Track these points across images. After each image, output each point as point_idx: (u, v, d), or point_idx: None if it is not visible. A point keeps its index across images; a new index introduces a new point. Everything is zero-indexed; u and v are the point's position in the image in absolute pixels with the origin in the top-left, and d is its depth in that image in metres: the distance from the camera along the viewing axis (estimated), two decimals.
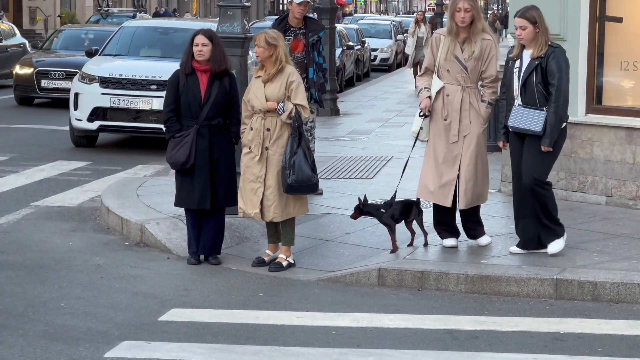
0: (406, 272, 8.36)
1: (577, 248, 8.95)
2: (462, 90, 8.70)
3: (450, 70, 8.70)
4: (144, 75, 15.15)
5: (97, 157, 14.72)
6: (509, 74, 8.59)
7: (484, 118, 8.76)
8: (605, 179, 10.74)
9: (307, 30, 11.06)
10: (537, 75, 8.34)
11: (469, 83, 8.71)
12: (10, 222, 10.59)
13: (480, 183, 8.80)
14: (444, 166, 8.74)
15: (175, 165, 8.85)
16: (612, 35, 10.88)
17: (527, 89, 8.40)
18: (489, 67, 8.74)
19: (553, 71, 8.32)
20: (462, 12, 8.62)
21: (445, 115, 8.71)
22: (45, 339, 6.98)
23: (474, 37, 8.68)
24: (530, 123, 8.35)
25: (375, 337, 7.17)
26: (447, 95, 8.70)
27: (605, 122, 10.74)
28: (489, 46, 8.73)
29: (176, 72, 8.92)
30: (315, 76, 10.98)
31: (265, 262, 8.89)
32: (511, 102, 8.55)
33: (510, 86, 8.57)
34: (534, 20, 8.37)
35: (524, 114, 8.39)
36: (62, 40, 23.54)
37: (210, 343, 6.98)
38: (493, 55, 8.73)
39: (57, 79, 21.06)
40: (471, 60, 8.66)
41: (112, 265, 8.95)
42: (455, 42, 8.69)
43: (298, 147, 8.55)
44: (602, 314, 7.71)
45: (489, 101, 8.79)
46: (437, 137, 8.76)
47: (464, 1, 8.63)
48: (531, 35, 8.38)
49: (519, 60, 8.49)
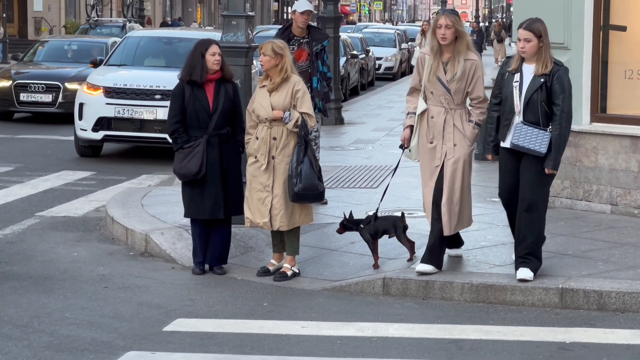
0: (411, 281, 8.35)
1: (582, 257, 8.93)
2: (446, 113, 8.35)
3: (434, 92, 8.36)
4: (148, 85, 15.17)
5: (102, 167, 14.73)
6: (507, 88, 8.20)
7: (470, 139, 8.40)
8: (610, 188, 10.73)
9: (311, 39, 11.07)
10: (541, 94, 8.04)
11: (453, 105, 8.35)
12: (15, 232, 10.60)
13: (465, 208, 8.48)
14: (428, 181, 8.48)
15: (186, 176, 8.84)
16: (616, 43, 10.88)
17: (531, 106, 8.07)
18: (476, 88, 8.37)
19: (558, 91, 8.04)
20: (442, 29, 8.25)
21: (430, 138, 8.40)
22: (50, 350, 6.98)
23: (457, 57, 8.29)
24: (535, 143, 8.03)
25: (380, 346, 7.16)
26: (432, 118, 8.38)
27: (609, 130, 10.74)
28: (473, 67, 8.33)
29: (180, 82, 8.92)
30: (319, 85, 10.98)
31: (270, 271, 8.89)
32: (508, 117, 8.17)
33: (508, 100, 8.18)
34: (540, 34, 8.07)
35: (527, 133, 8.05)
36: (45, 52, 22.44)
37: (215, 353, 6.97)
38: (479, 76, 8.35)
39: (37, 92, 20.01)
40: (454, 82, 8.29)
41: (117, 276, 8.95)
42: (438, 62, 8.31)
43: (304, 155, 8.57)
44: (608, 324, 7.69)
45: (476, 122, 8.43)
46: (424, 160, 8.48)
47: (445, 17, 8.28)
48: (535, 50, 8.07)
49: (519, 74, 8.15)
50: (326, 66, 11.09)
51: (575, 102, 10.86)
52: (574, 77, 10.84)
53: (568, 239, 9.62)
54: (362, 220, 8.84)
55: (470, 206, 8.59)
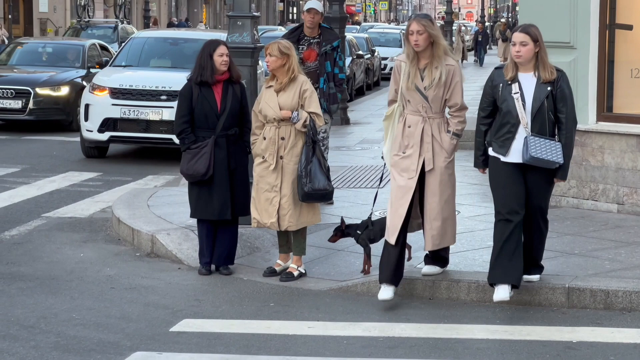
0: (417, 281, 8.34)
1: (588, 256, 8.93)
2: (424, 122, 7.97)
3: (411, 101, 7.99)
4: (154, 85, 15.17)
5: (108, 168, 14.74)
6: (504, 100, 7.74)
7: (448, 151, 7.99)
8: (616, 187, 10.72)
9: (321, 39, 11.08)
10: (548, 102, 7.71)
11: (431, 113, 7.97)
12: (21, 233, 10.61)
13: (448, 222, 8.07)
14: (398, 200, 7.99)
15: (194, 176, 8.85)
16: (622, 42, 10.87)
17: (539, 117, 7.70)
18: (454, 94, 7.96)
19: (564, 98, 7.73)
20: (414, 35, 7.90)
21: (404, 147, 8.01)
22: (57, 350, 6.98)
23: (435, 63, 7.92)
24: (551, 155, 7.67)
25: (387, 346, 7.16)
26: (409, 127, 8.00)
27: (616, 129, 10.73)
28: (451, 72, 7.94)
29: (188, 83, 8.93)
30: (326, 86, 10.98)
31: (276, 272, 8.89)
32: (511, 130, 7.72)
33: (509, 113, 7.73)
34: (536, 38, 7.69)
35: (542, 145, 7.67)
36: (19, 55, 20.86)
37: (222, 353, 6.97)
38: (457, 81, 7.96)
39: (6, 98, 18.59)
40: (431, 89, 7.91)
41: (123, 276, 8.96)
42: (415, 69, 7.97)
43: (313, 155, 8.58)
44: (615, 323, 7.68)
45: (454, 132, 8.02)
46: (395, 173, 8.05)
47: (416, 22, 7.92)
48: (530, 54, 7.69)
49: (517, 84, 7.73)
50: (338, 67, 11.07)
51: (581, 101, 10.90)
52: (580, 76, 10.88)
53: (574, 238, 9.62)
54: (358, 226, 8.74)
55: (454, 223, 8.18)
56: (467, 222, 10.16)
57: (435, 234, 8.03)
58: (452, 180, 8.09)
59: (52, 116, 19.04)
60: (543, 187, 7.88)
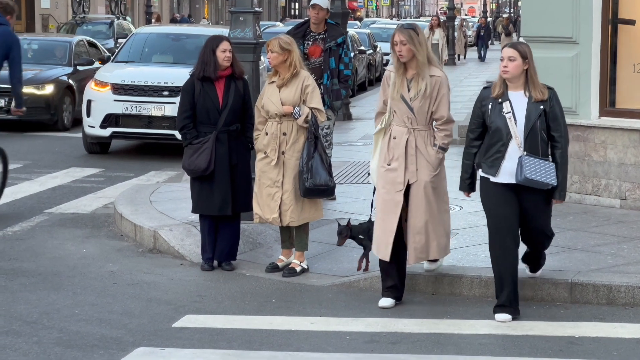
0: (419, 276, 8.34)
1: (591, 251, 8.92)
2: (409, 133, 7.75)
3: (397, 112, 7.78)
4: (156, 81, 15.17)
5: (110, 164, 14.74)
6: (494, 119, 7.50)
7: (433, 165, 7.76)
8: (619, 182, 10.71)
9: (327, 36, 11.07)
10: (541, 121, 7.47)
11: (417, 125, 7.75)
12: (24, 229, 10.61)
13: (434, 236, 7.82)
14: (386, 215, 7.81)
15: (195, 172, 8.85)
16: (624, 37, 10.86)
17: (532, 136, 7.45)
18: (440, 107, 7.74)
19: (557, 116, 7.51)
20: (398, 46, 7.72)
21: (389, 159, 7.82)
22: (60, 346, 6.99)
23: (421, 73, 7.72)
24: (545, 176, 7.44)
25: (390, 341, 7.16)
26: (394, 138, 7.81)
27: (619, 124, 10.71)
28: (437, 83, 7.72)
29: (191, 78, 8.93)
30: (329, 82, 10.97)
31: (278, 267, 8.89)
32: (501, 149, 7.47)
33: (499, 132, 7.48)
34: (525, 55, 7.45)
35: (537, 166, 7.44)
36: None
37: (225, 349, 6.97)
38: (444, 94, 7.74)
39: None
40: (417, 100, 7.70)
41: (125, 272, 8.96)
42: (402, 79, 7.78)
43: (315, 151, 8.58)
44: (617, 318, 7.68)
45: (440, 145, 7.79)
46: (380, 187, 7.87)
47: (399, 33, 7.73)
48: (518, 71, 7.44)
49: (508, 102, 7.49)
50: (343, 64, 11.06)
51: (584, 96, 10.90)
52: (583, 71, 10.87)
53: (577, 233, 9.61)
54: (359, 230, 8.67)
55: (443, 236, 7.93)
56: (470, 217, 10.17)
57: (418, 247, 7.83)
58: (439, 194, 7.85)
59: (36, 116, 18.02)
60: (540, 208, 7.64)
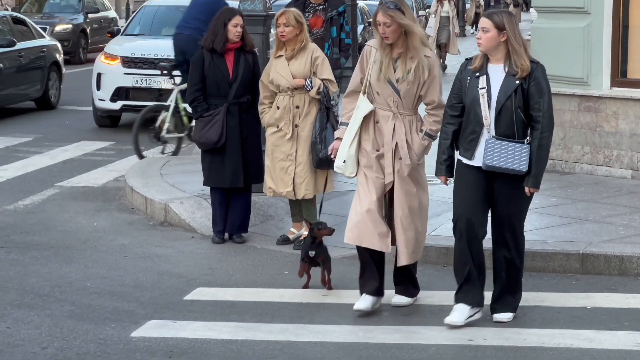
0: (431, 248, 8.33)
1: (603, 222, 8.90)
2: (394, 118, 7.02)
3: (381, 93, 7.01)
4: (166, 54, 15.09)
5: (121, 137, 14.73)
6: (470, 96, 6.75)
7: (417, 153, 7.05)
8: (630, 153, 10.67)
9: (327, 5, 11.01)
10: (517, 98, 6.63)
11: (402, 109, 7.02)
12: (35, 202, 10.63)
13: (421, 232, 7.20)
14: (377, 203, 7.09)
15: (207, 144, 8.84)
16: (636, 7, 10.80)
17: (504, 115, 6.65)
18: (430, 90, 7.01)
19: (536, 94, 6.62)
20: (382, 27, 6.91)
21: (377, 146, 7.08)
22: (72, 319, 7.00)
23: (409, 53, 6.96)
24: (513, 161, 6.61)
25: (401, 313, 7.16)
26: (377, 122, 7.07)
27: (630, 95, 10.67)
28: (429, 65, 6.97)
29: (200, 51, 8.90)
30: (330, 52, 10.91)
31: (289, 240, 8.89)
32: (476, 130, 6.73)
33: (473, 110, 6.75)
34: (500, 26, 6.62)
35: (502, 150, 6.63)
36: None
37: (236, 322, 6.98)
38: (435, 76, 6.99)
39: None
40: (404, 82, 6.95)
41: (136, 245, 8.97)
42: (388, 59, 6.98)
43: (327, 122, 8.58)
44: (629, 289, 7.67)
45: (427, 131, 7.06)
46: (368, 170, 7.11)
47: (382, 14, 6.90)
48: (492, 43, 6.65)
49: (485, 77, 6.71)
50: (344, 32, 11.00)
51: (596, 67, 10.84)
52: (594, 41, 10.81)
53: (588, 204, 9.59)
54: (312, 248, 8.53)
55: (426, 232, 7.32)
56: None
57: (411, 247, 7.13)
58: (420, 187, 7.15)
59: None
60: (506, 196, 6.80)
